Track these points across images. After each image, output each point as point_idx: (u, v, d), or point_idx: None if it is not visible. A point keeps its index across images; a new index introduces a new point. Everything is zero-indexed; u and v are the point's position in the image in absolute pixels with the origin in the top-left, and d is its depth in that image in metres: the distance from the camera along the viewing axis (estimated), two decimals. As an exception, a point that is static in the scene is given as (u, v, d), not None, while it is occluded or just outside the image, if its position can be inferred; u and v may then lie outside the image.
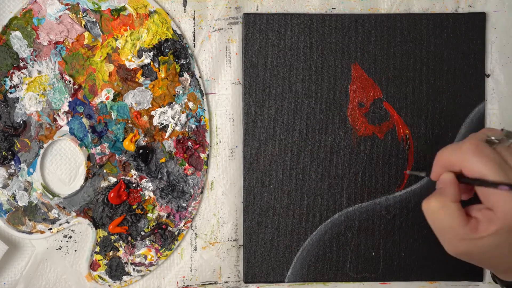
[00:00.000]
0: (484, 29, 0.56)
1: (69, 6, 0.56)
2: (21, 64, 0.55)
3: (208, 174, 0.57)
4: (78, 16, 0.56)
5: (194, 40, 0.57)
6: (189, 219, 0.57)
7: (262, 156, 0.56)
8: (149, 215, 0.56)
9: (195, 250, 0.57)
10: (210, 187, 0.57)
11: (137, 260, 0.56)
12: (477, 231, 0.43)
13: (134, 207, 0.56)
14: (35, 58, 0.56)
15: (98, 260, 0.56)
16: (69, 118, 0.56)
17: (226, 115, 0.57)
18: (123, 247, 0.56)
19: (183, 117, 0.56)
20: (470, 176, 0.44)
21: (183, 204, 0.57)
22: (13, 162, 0.56)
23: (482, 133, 0.46)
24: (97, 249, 0.56)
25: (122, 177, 0.56)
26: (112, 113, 0.56)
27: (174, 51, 0.56)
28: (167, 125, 0.56)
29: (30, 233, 0.56)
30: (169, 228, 0.57)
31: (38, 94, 0.56)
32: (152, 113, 0.56)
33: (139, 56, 0.56)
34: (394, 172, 0.56)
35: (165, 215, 0.56)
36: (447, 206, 0.44)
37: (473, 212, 0.45)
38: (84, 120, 0.56)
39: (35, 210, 0.56)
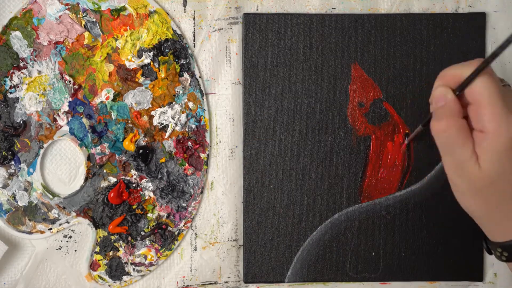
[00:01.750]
0: (484, 29, 0.56)
1: (69, 6, 0.56)
2: (21, 64, 0.55)
3: (208, 174, 0.57)
4: (78, 16, 0.56)
5: (194, 40, 0.57)
6: (189, 219, 0.57)
7: (262, 156, 0.56)
8: (149, 215, 0.56)
9: (195, 250, 0.57)
10: (210, 187, 0.57)
11: (137, 260, 0.56)
12: (485, 146, 0.42)
13: (134, 207, 0.56)
14: (35, 58, 0.56)
15: (98, 260, 0.56)
16: (69, 118, 0.56)
17: (226, 115, 0.57)
18: (123, 247, 0.56)
19: (183, 117, 0.56)
20: (471, 92, 0.43)
21: (183, 204, 0.57)
22: (13, 162, 0.56)
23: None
24: (97, 249, 0.56)
25: (122, 177, 0.56)
26: (112, 113, 0.56)
27: (174, 51, 0.56)
28: (167, 125, 0.56)
29: (30, 233, 0.56)
30: (169, 228, 0.57)
31: (38, 94, 0.56)
32: (152, 113, 0.56)
33: (139, 56, 0.56)
34: (394, 172, 0.56)
35: (165, 215, 0.56)
36: (458, 122, 0.43)
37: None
38: (84, 120, 0.56)
39: (35, 210, 0.56)
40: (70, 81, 0.56)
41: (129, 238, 0.56)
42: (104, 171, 0.56)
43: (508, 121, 0.42)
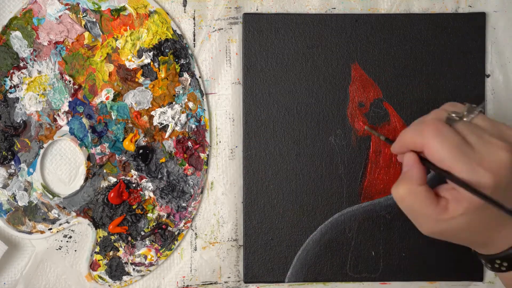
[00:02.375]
0: (484, 29, 0.56)
1: (69, 6, 0.56)
2: (21, 64, 0.55)
3: (208, 174, 0.57)
4: (78, 16, 0.56)
5: (194, 40, 0.57)
6: (189, 219, 0.57)
7: (262, 156, 0.56)
8: (149, 215, 0.56)
9: (195, 250, 0.57)
10: (210, 187, 0.57)
11: (137, 260, 0.56)
12: (447, 211, 0.43)
13: (134, 207, 0.56)
14: (35, 58, 0.56)
15: (98, 260, 0.56)
16: (69, 118, 0.56)
17: (226, 115, 0.57)
18: (123, 247, 0.56)
19: (183, 117, 0.56)
20: (431, 159, 0.43)
21: (183, 204, 0.57)
22: (13, 162, 0.56)
23: (443, 110, 0.46)
24: (97, 249, 0.56)
25: (122, 177, 0.56)
26: (112, 113, 0.56)
27: (174, 51, 0.56)
28: (167, 125, 0.56)
29: (30, 233, 0.56)
30: (169, 228, 0.57)
31: (38, 94, 0.56)
32: (152, 113, 0.56)
33: (139, 56, 0.56)
34: (394, 172, 0.56)
35: (165, 215, 0.56)
36: (415, 190, 0.44)
37: (442, 192, 0.44)
38: (84, 120, 0.56)
39: (35, 210, 0.56)
40: (70, 81, 0.56)
41: (129, 238, 0.56)
42: (104, 171, 0.56)
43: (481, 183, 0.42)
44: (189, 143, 0.56)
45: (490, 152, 0.42)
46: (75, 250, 0.57)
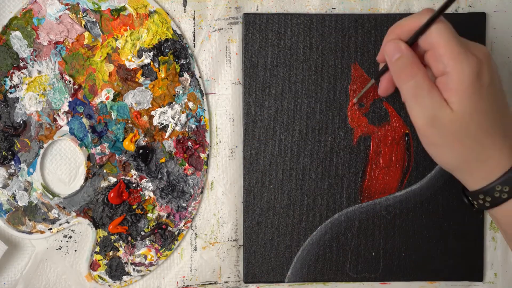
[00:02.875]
0: (484, 29, 0.56)
1: (69, 6, 0.56)
2: (21, 64, 0.55)
3: (208, 174, 0.57)
4: (78, 16, 0.56)
5: (194, 40, 0.57)
6: (189, 219, 0.57)
7: (262, 156, 0.56)
8: (149, 215, 0.56)
9: (195, 250, 0.57)
10: (210, 187, 0.57)
11: (137, 260, 0.56)
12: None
13: (134, 207, 0.56)
14: (35, 58, 0.56)
15: (98, 260, 0.56)
16: (69, 118, 0.56)
17: (226, 115, 0.57)
18: (123, 247, 0.56)
19: (183, 117, 0.56)
20: (426, 39, 0.44)
21: (183, 204, 0.57)
22: (13, 162, 0.56)
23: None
24: (97, 249, 0.56)
25: (122, 177, 0.56)
26: (112, 113, 0.56)
27: (174, 51, 0.56)
28: (167, 125, 0.56)
29: (30, 233, 0.56)
30: (169, 228, 0.57)
31: (38, 94, 0.56)
32: (152, 113, 0.56)
33: (139, 56, 0.56)
34: (394, 172, 0.56)
35: (165, 215, 0.56)
36: (421, 68, 0.44)
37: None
38: (84, 120, 0.56)
39: (35, 210, 0.56)
40: (70, 81, 0.56)
41: (129, 238, 0.56)
42: (104, 171, 0.56)
43: (467, 56, 0.43)
44: (189, 143, 0.56)
45: (474, 45, 0.44)
46: (75, 250, 0.57)
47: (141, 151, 0.56)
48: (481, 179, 0.46)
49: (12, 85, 0.55)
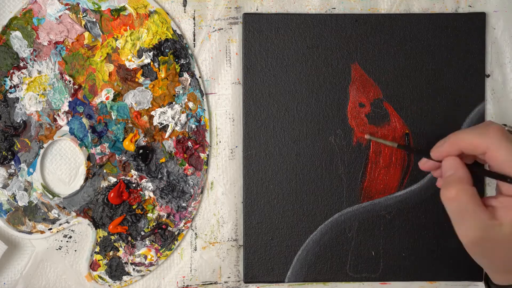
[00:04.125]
0: (484, 29, 0.56)
1: (69, 6, 0.56)
2: (21, 64, 0.55)
3: (208, 174, 0.57)
4: (78, 16, 0.56)
5: (194, 40, 0.57)
6: (189, 219, 0.57)
7: (262, 156, 0.56)
8: (149, 215, 0.56)
9: (195, 250, 0.57)
10: (210, 187, 0.57)
11: (137, 260, 0.56)
12: (496, 217, 0.43)
13: (134, 207, 0.56)
14: (35, 58, 0.56)
15: (98, 260, 0.56)
16: (69, 118, 0.56)
17: (226, 115, 0.57)
18: (123, 247, 0.56)
19: (183, 117, 0.56)
20: (494, 160, 0.44)
21: (183, 204, 0.57)
22: (13, 162, 0.56)
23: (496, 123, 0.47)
24: (97, 249, 0.56)
25: (122, 177, 0.56)
26: (112, 113, 0.56)
27: (174, 51, 0.56)
28: (167, 125, 0.56)
29: (30, 233, 0.56)
30: (169, 228, 0.57)
31: (38, 94, 0.56)
32: (152, 113, 0.56)
33: (139, 56, 0.56)
34: (394, 172, 0.56)
35: (165, 215, 0.56)
36: (468, 189, 0.44)
37: (488, 202, 0.44)
38: (84, 120, 0.56)
39: (35, 210, 0.56)
40: (70, 81, 0.56)
41: (129, 238, 0.56)
42: (104, 171, 0.56)
43: None
44: (189, 143, 0.56)
45: None
46: (75, 250, 0.57)
47: (141, 151, 0.56)
48: (505, 280, 0.46)
49: (12, 85, 0.55)
